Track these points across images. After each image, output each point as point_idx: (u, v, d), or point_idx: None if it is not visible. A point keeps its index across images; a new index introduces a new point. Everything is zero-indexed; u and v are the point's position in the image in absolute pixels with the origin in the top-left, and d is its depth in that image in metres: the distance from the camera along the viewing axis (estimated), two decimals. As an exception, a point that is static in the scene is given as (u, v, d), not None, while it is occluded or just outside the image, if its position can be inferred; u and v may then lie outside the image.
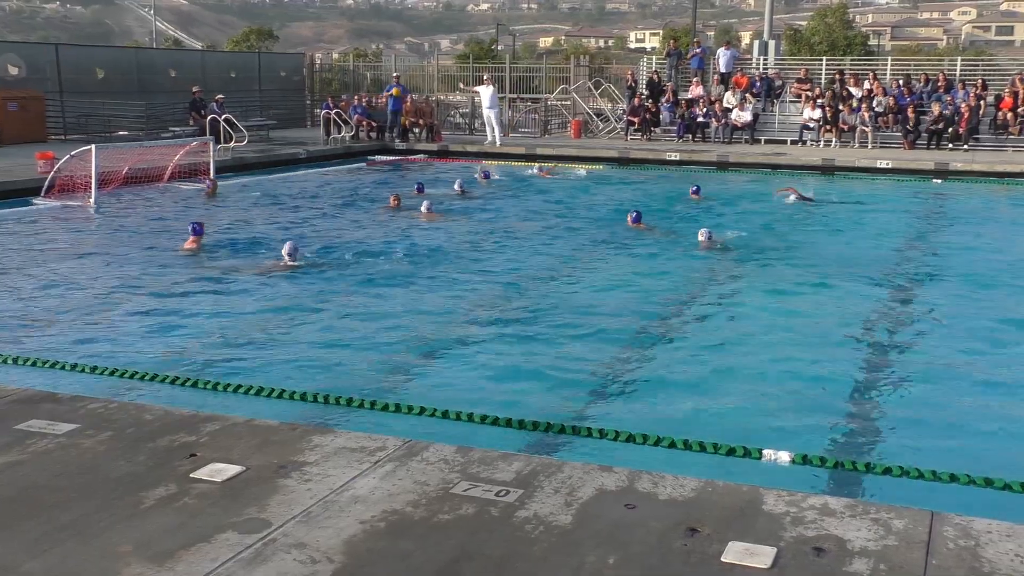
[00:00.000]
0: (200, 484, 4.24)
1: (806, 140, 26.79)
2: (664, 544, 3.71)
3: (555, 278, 11.43)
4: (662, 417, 6.65)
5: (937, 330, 9.22)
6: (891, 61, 31.55)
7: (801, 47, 49.38)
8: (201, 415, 5.15)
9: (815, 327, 9.20)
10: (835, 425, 6.70)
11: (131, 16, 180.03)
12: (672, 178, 22.39)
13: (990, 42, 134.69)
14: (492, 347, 8.44)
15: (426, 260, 12.35)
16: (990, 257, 13.04)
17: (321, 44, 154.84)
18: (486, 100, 27.22)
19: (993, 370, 7.90)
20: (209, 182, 18.73)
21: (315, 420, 6.23)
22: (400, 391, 7.24)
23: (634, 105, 28.66)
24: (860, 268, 12.00)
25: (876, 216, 16.93)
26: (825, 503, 4.09)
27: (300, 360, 8.00)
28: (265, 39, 68.16)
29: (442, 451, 4.62)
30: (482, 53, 52.96)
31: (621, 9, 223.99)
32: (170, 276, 11.16)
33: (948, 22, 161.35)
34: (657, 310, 9.92)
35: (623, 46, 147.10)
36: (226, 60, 36.52)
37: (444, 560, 3.59)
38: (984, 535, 3.77)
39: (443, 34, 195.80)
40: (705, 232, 13.10)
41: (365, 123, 28.16)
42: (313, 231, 14.58)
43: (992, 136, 25.44)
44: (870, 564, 3.54)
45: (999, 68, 30.69)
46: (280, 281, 10.98)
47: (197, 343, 8.51)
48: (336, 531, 3.81)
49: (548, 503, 4.05)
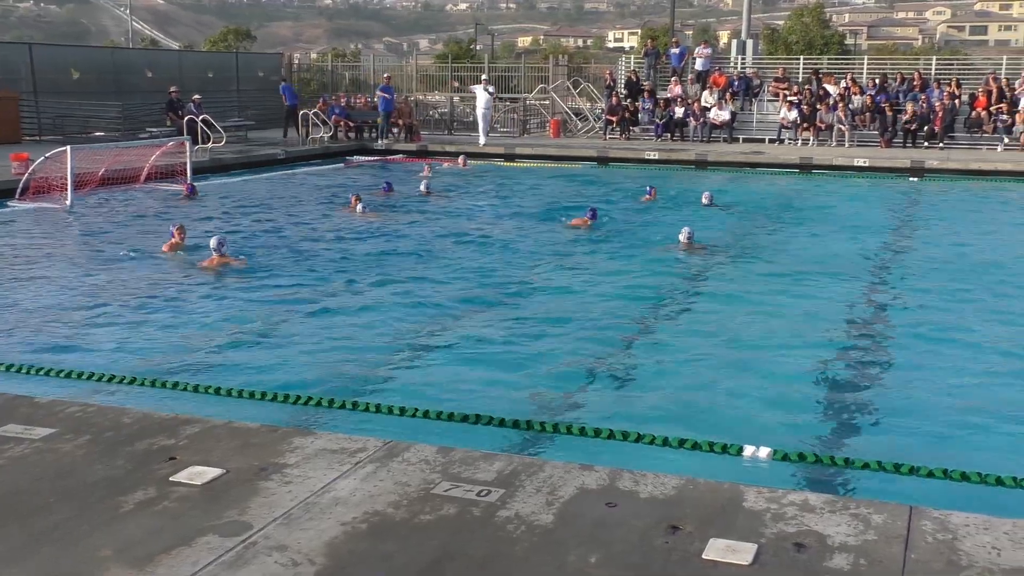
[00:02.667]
0: (180, 487, 4.22)
1: (784, 139, 26.93)
2: (645, 542, 3.72)
3: (533, 277, 11.42)
4: (643, 415, 6.66)
5: (913, 326, 9.28)
6: (867, 60, 31.73)
7: (779, 46, 49.64)
8: (180, 418, 5.13)
9: (792, 324, 9.24)
10: (815, 421, 6.73)
11: (107, 15, 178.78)
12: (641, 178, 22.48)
13: (964, 42, 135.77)
14: (472, 347, 8.44)
15: (403, 260, 12.34)
16: (965, 253, 13.15)
17: (299, 44, 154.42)
18: (481, 102, 27.05)
19: (969, 365, 7.96)
20: (188, 187, 18.59)
21: (295, 422, 6.21)
22: (380, 392, 7.23)
23: (612, 104, 28.72)
24: (837, 265, 12.07)
25: (851, 214, 17.03)
26: (805, 499, 4.11)
27: (280, 362, 7.97)
28: (243, 39, 67.91)
29: (423, 451, 4.62)
30: (461, 53, 52.98)
31: (599, 9, 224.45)
32: (148, 278, 11.09)
33: (923, 22, 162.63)
34: (636, 309, 9.94)
35: (602, 46, 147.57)
36: (204, 60, 36.36)
37: (426, 561, 3.59)
38: (961, 528, 3.80)
39: (422, 34, 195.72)
40: (687, 232, 13.11)
41: (343, 123, 28.10)
42: (289, 232, 14.51)
43: (967, 134, 25.65)
44: (850, 559, 3.56)
45: (973, 67, 30.95)
46: (259, 282, 10.94)
47: (175, 346, 8.45)
48: (317, 533, 3.80)
49: (530, 502, 4.05)
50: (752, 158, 24.24)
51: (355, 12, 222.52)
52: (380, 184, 19.38)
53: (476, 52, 60.53)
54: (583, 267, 12.04)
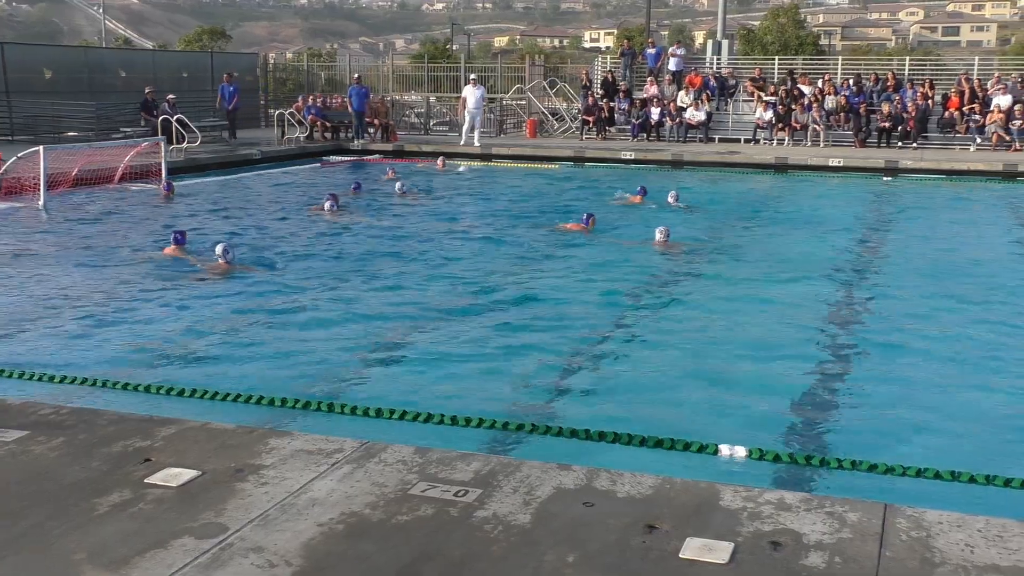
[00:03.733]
0: (155, 489, 4.19)
1: (759, 139, 27.07)
2: (623, 541, 3.72)
3: (508, 277, 11.42)
4: (619, 416, 6.67)
5: (887, 324, 9.35)
6: (842, 61, 31.95)
7: (754, 47, 49.86)
8: (155, 419, 5.09)
9: (767, 323, 9.29)
10: (791, 420, 6.77)
11: (80, 15, 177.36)
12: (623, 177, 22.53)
13: (937, 42, 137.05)
14: (448, 348, 8.43)
15: (378, 261, 12.32)
16: (938, 252, 13.26)
17: (275, 44, 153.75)
18: (472, 102, 26.93)
19: (943, 364, 8.03)
20: (166, 184, 18.48)
21: (272, 423, 6.18)
22: (357, 392, 7.21)
23: (589, 104, 28.77)
24: (811, 264, 12.15)
25: (825, 213, 17.14)
26: (781, 498, 4.13)
27: (255, 363, 7.94)
28: (218, 39, 67.53)
29: (400, 452, 4.61)
30: (437, 53, 52.89)
31: (576, 9, 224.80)
32: (121, 279, 11.02)
33: (897, 22, 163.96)
34: (612, 309, 9.95)
35: (578, 46, 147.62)
36: (178, 60, 36.13)
37: (403, 561, 3.59)
38: (935, 526, 3.83)
39: (398, 34, 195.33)
40: (663, 230, 13.13)
41: (320, 123, 28.01)
42: (263, 233, 14.45)
43: (940, 134, 25.88)
44: (825, 557, 3.59)
45: (946, 68, 31.22)
46: (233, 284, 10.89)
47: (150, 347, 8.40)
48: (294, 534, 3.79)
49: (507, 502, 4.05)
50: (728, 158, 24.34)
51: (331, 12, 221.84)
52: (350, 184, 19.35)
53: (452, 52, 60.45)
54: (559, 267, 12.05)
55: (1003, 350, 8.45)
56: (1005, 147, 24.64)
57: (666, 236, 13.04)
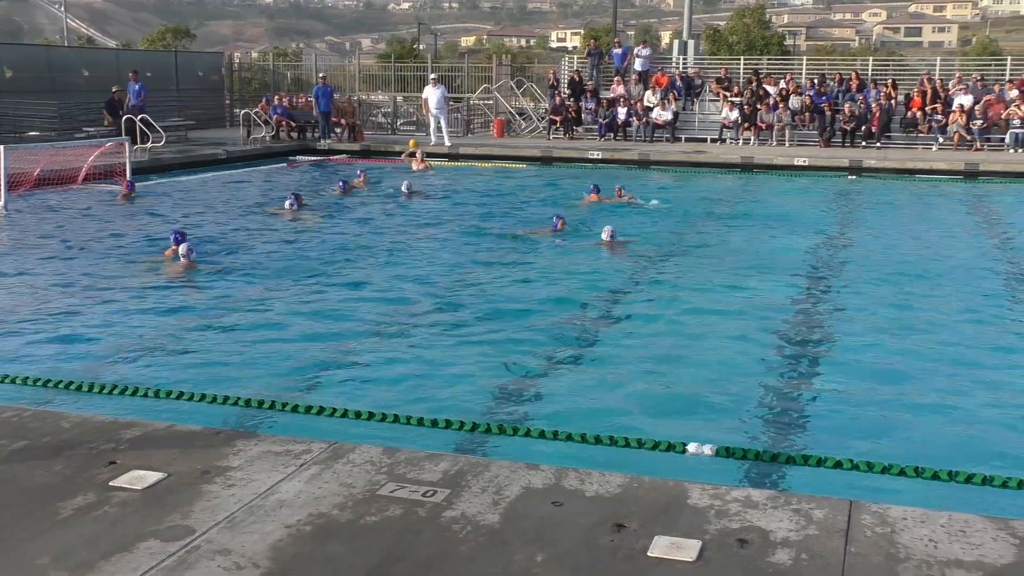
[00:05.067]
0: (120, 492, 4.15)
1: (725, 139, 27.23)
2: (591, 540, 3.73)
3: (475, 279, 11.40)
4: (587, 415, 6.69)
5: (851, 322, 9.43)
6: (806, 61, 32.21)
7: (720, 47, 50.14)
8: (120, 421, 5.05)
9: (733, 322, 9.33)
10: (757, 418, 6.81)
11: (41, 13, 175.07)
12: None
13: (900, 43, 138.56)
14: (416, 349, 8.41)
15: (345, 261, 12.27)
16: (903, 250, 13.39)
17: (240, 43, 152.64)
18: (433, 102, 26.80)
19: (908, 361, 8.11)
20: (127, 184, 18.29)
21: (238, 424, 6.14)
22: (324, 393, 7.17)
23: (556, 104, 28.81)
24: (776, 263, 12.23)
25: (792, 212, 17.27)
26: (748, 495, 4.16)
27: (222, 363, 7.88)
28: (182, 38, 67.01)
29: (368, 452, 4.59)
30: (404, 52, 52.74)
31: (542, 9, 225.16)
32: (83, 280, 10.90)
33: (860, 23, 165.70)
34: (578, 310, 9.95)
35: (545, 45, 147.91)
36: (142, 59, 35.74)
37: (372, 562, 3.58)
38: (900, 522, 3.87)
39: (364, 33, 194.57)
40: (608, 230, 13.19)
41: (285, 123, 27.85)
42: (230, 233, 14.35)
43: (903, 134, 26.16)
44: (792, 554, 3.61)
45: (908, 68, 31.56)
46: (199, 284, 10.81)
47: (114, 348, 8.32)
48: (261, 536, 3.77)
49: (475, 502, 4.05)
50: (694, 157, 24.47)
51: (296, 11, 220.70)
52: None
53: (419, 52, 60.32)
54: (525, 269, 12.03)
55: (967, 347, 8.55)
56: (966, 147, 24.94)
57: (611, 235, 13.09)
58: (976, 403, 7.12)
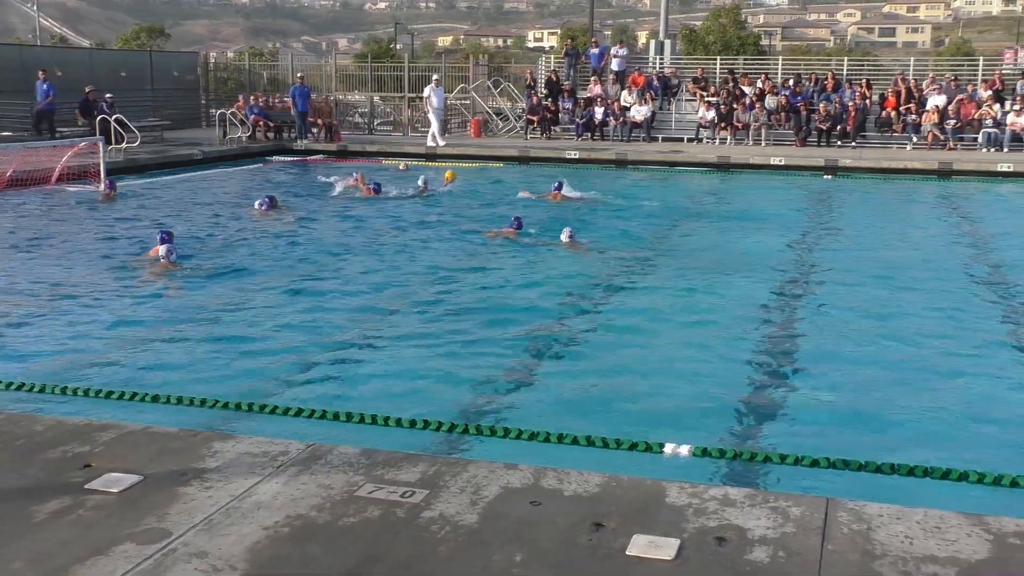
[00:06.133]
0: (96, 495, 4.12)
1: (702, 138, 27.32)
2: (570, 540, 3.74)
3: (451, 278, 11.39)
4: (565, 415, 6.70)
5: (826, 320, 9.48)
6: (782, 61, 32.37)
7: (696, 47, 50.31)
8: (95, 424, 5.01)
9: (710, 322, 9.36)
10: (734, 417, 6.84)
11: (13, 12, 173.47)
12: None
13: (874, 43, 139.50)
14: (394, 349, 8.39)
15: (322, 262, 12.22)
16: (879, 248, 13.48)
17: (216, 43, 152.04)
18: (434, 102, 26.63)
19: (882, 358, 8.16)
20: (106, 186, 18.16)
21: (215, 425, 6.11)
22: (302, 394, 7.15)
23: (533, 104, 28.83)
24: (751, 262, 12.28)
25: (767, 211, 17.35)
26: (726, 494, 4.18)
27: (199, 364, 7.83)
28: (156, 37, 66.60)
29: (346, 453, 4.58)
30: (380, 52, 52.62)
31: (519, 9, 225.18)
32: (57, 281, 10.81)
33: (835, 23, 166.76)
34: (554, 309, 9.94)
35: (522, 45, 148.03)
36: (116, 59, 35.47)
37: (350, 563, 3.56)
38: (876, 519, 3.89)
39: (341, 33, 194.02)
40: (567, 232, 13.21)
41: (262, 123, 27.72)
42: (207, 234, 14.27)
43: (877, 133, 26.35)
44: (769, 551, 3.63)
45: (883, 68, 31.79)
46: (175, 285, 10.74)
47: (89, 350, 8.25)
48: (239, 538, 3.75)
49: (454, 503, 4.05)
50: (671, 157, 24.55)
51: (272, 11, 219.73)
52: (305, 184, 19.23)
53: (396, 52, 60.19)
54: (501, 269, 12.01)
55: (943, 344, 8.62)
56: (940, 146, 25.14)
57: (571, 236, 13.15)
58: (951, 399, 7.18)
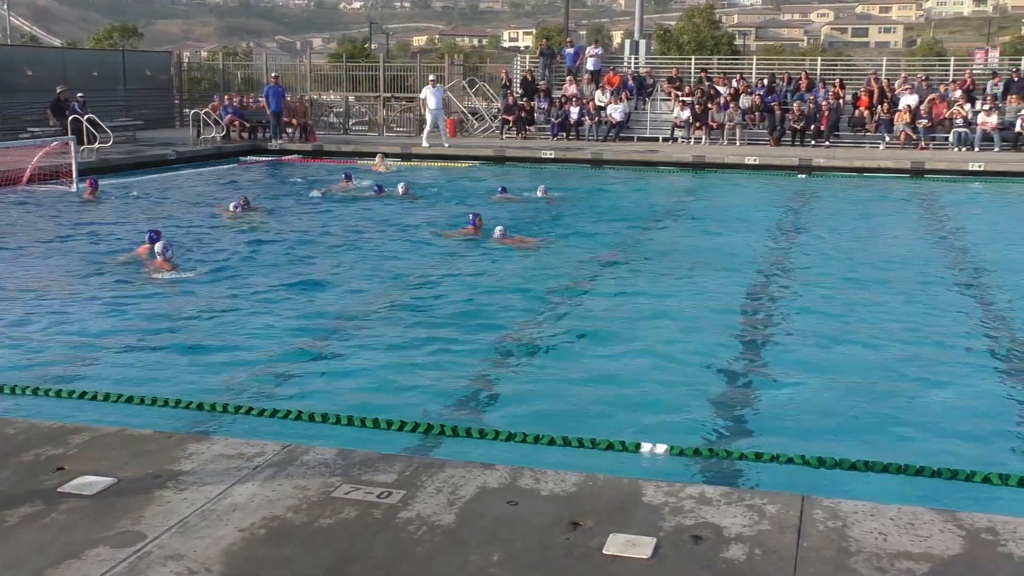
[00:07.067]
0: (69, 498, 4.09)
1: (677, 138, 27.42)
2: (547, 539, 3.74)
3: (426, 280, 11.36)
4: (542, 416, 6.70)
5: (800, 319, 9.52)
6: (756, 61, 32.54)
7: (670, 46, 50.48)
8: (69, 426, 4.97)
9: (685, 321, 9.39)
10: (711, 416, 6.86)
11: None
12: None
13: (847, 43, 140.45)
14: (370, 350, 8.37)
15: (296, 263, 12.17)
16: (852, 247, 13.56)
17: (189, 42, 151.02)
18: (432, 102, 26.59)
19: (856, 356, 8.22)
20: (90, 181, 18.03)
21: (190, 427, 6.08)
22: (278, 395, 7.12)
23: (508, 104, 28.85)
24: (725, 260, 12.33)
25: (741, 210, 17.43)
26: (702, 492, 4.19)
27: (173, 366, 7.78)
28: (129, 36, 66.12)
29: (322, 454, 4.56)
30: (355, 52, 52.46)
31: (494, 8, 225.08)
32: (28, 281, 10.70)
33: (808, 23, 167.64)
34: (530, 310, 9.94)
35: (497, 45, 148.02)
36: (88, 58, 35.16)
37: (327, 564, 3.55)
38: (851, 516, 3.92)
39: (315, 32, 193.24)
40: (499, 230, 13.37)
41: (236, 123, 27.57)
42: (183, 234, 14.17)
43: (851, 133, 26.54)
44: (745, 549, 3.65)
45: (856, 68, 32.02)
46: (148, 286, 10.66)
47: (62, 351, 8.17)
48: (214, 540, 3.73)
49: (431, 503, 4.04)
50: (647, 156, 24.63)
51: (246, 10, 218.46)
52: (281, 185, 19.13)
53: (371, 51, 60.02)
54: (471, 270, 11.97)
55: (916, 343, 8.68)
56: (912, 145, 25.35)
57: (503, 234, 13.30)
58: (924, 397, 7.24)
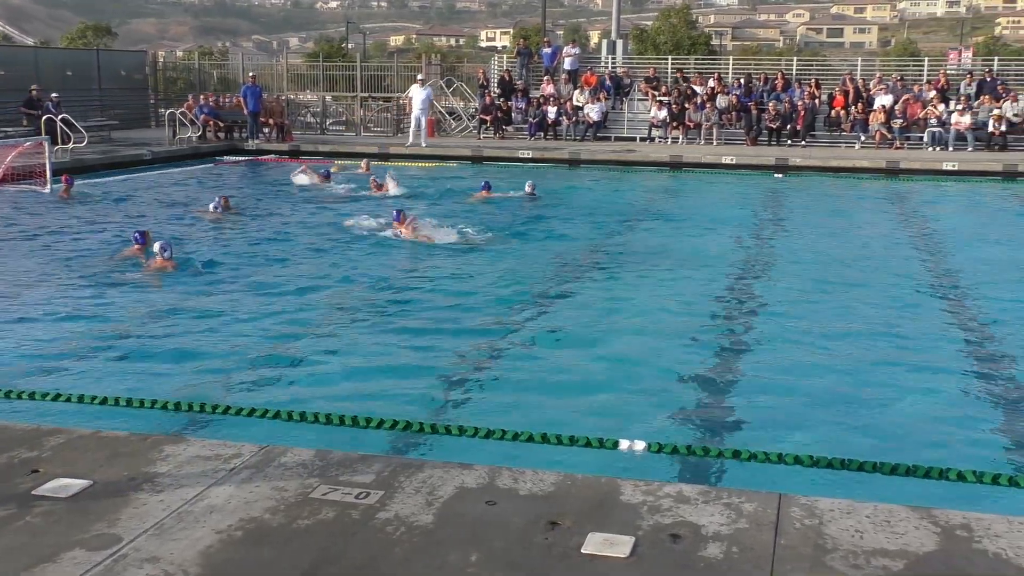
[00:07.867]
0: (44, 501, 4.05)
1: (654, 137, 27.50)
2: (525, 539, 3.74)
3: (404, 278, 11.35)
4: (520, 413, 6.70)
5: (776, 317, 9.57)
6: (732, 61, 32.67)
7: (647, 46, 50.62)
8: (43, 428, 4.92)
9: (662, 319, 9.42)
10: (689, 414, 6.89)
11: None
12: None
13: (823, 43, 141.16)
14: (347, 349, 8.35)
15: (274, 262, 12.12)
16: (827, 246, 13.64)
17: (164, 41, 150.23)
18: (418, 102, 26.51)
19: (832, 354, 8.26)
20: (66, 179, 17.91)
21: (166, 429, 6.04)
22: (255, 395, 7.08)
23: (486, 104, 28.84)
24: (702, 259, 12.38)
25: (718, 209, 17.49)
26: (680, 491, 4.21)
27: (149, 367, 7.73)
28: (103, 35, 65.60)
29: (300, 455, 4.55)
30: (332, 52, 52.29)
31: (471, 8, 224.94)
32: (3, 282, 10.61)
33: (784, 23, 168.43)
34: (507, 307, 9.94)
35: (474, 45, 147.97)
36: (62, 57, 34.84)
37: (304, 566, 3.54)
38: (827, 513, 3.95)
39: (292, 32, 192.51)
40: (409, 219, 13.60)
41: (212, 123, 27.42)
42: (162, 233, 14.07)
43: (827, 132, 26.70)
44: (723, 547, 3.66)
45: (831, 68, 32.19)
46: (123, 286, 10.59)
47: (36, 352, 8.10)
48: (191, 542, 3.71)
49: (409, 503, 4.03)
50: (624, 156, 24.69)
51: (222, 9, 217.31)
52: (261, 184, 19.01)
53: (348, 51, 59.84)
54: (450, 268, 11.98)
55: (891, 341, 8.74)
56: (887, 145, 25.53)
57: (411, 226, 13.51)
58: (900, 395, 7.29)
